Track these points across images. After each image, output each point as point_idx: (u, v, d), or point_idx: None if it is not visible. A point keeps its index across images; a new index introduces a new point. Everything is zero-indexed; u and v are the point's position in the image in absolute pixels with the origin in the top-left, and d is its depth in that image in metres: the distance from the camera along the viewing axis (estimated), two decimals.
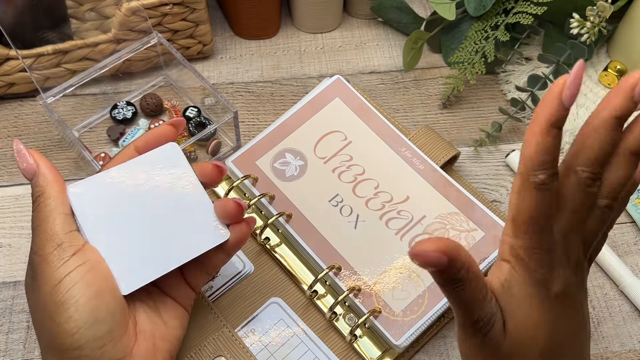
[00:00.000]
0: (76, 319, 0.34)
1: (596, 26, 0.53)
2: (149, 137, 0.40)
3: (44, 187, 0.36)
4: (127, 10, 0.53)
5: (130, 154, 0.40)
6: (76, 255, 0.35)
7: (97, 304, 0.35)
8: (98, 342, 0.34)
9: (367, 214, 0.48)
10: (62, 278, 0.34)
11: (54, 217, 0.36)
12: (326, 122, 0.52)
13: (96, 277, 0.35)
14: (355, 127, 0.51)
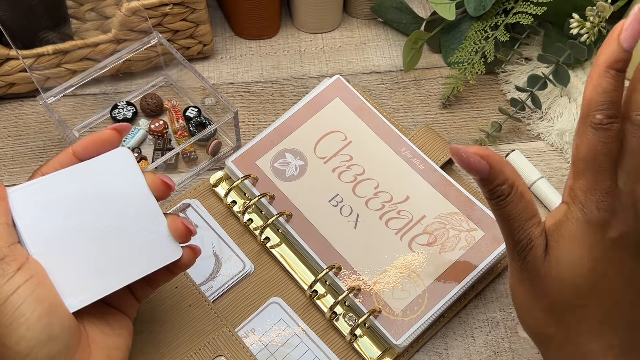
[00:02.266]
0: (29, 339, 0.31)
1: (596, 26, 0.53)
2: (89, 142, 0.37)
3: None
4: (127, 10, 0.53)
5: (68, 159, 0.37)
6: (21, 270, 0.32)
7: (49, 320, 0.32)
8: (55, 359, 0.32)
9: (367, 214, 0.48)
10: (8, 296, 0.31)
11: None
12: (326, 122, 0.52)
13: (46, 291, 0.33)
14: (355, 127, 0.52)
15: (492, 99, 0.60)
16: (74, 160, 0.37)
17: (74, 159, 0.37)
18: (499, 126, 0.57)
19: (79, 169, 0.36)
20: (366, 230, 0.48)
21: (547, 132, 0.58)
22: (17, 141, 0.56)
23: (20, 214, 0.34)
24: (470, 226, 0.47)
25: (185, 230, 0.38)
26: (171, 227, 0.37)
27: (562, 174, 0.56)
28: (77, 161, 0.37)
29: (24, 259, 0.33)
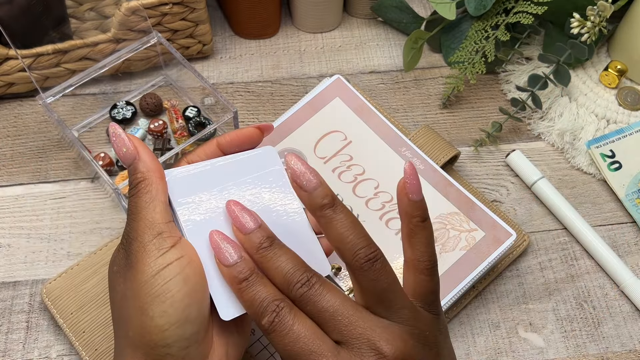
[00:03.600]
0: (170, 314, 0.32)
1: (597, 26, 0.53)
2: (234, 137, 0.38)
3: (144, 173, 0.35)
4: (126, 9, 0.53)
5: (213, 149, 0.38)
6: (175, 248, 0.33)
7: (190, 302, 0.33)
8: (185, 342, 0.33)
9: (367, 214, 0.48)
10: (160, 269, 0.32)
11: (154, 204, 0.34)
12: (326, 122, 0.52)
13: (193, 273, 0.33)
14: (355, 127, 0.51)
15: (493, 99, 0.60)
16: (218, 152, 0.38)
17: (218, 151, 0.38)
18: (499, 126, 0.57)
19: (227, 160, 0.37)
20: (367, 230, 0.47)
21: (548, 132, 0.58)
22: (16, 141, 0.56)
23: (176, 196, 0.36)
24: (471, 226, 0.47)
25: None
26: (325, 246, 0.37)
27: (563, 173, 0.56)
28: (220, 153, 0.38)
29: (177, 238, 0.34)
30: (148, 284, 0.32)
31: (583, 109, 0.58)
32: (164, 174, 0.36)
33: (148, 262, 0.33)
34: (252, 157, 0.38)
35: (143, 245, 0.33)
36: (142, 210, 0.34)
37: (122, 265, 0.34)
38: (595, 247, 0.51)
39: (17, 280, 0.49)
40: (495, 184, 0.55)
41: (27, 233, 0.51)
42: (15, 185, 0.54)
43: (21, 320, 0.47)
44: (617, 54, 0.60)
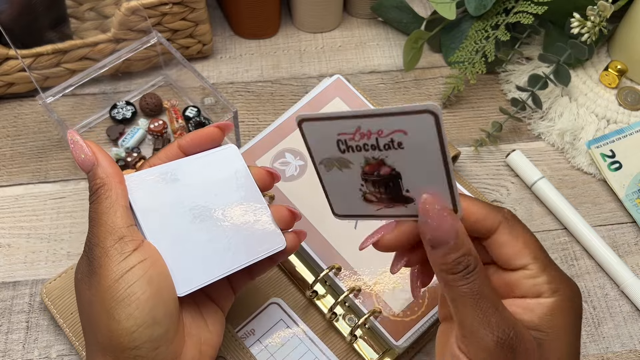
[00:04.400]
0: (136, 317, 0.33)
1: (597, 26, 0.53)
2: (195, 137, 0.39)
3: (104, 178, 0.35)
4: (126, 9, 0.53)
5: (174, 152, 0.39)
6: (137, 251, 0.34)
7: (156, 302, 0.33)
8: (154, 343, 0.33)
9: None
10: (123, 273, 0.33)
11: (115, 209, 0.35)
12: None
13: (157, 274, 0.34)
14: None
15: (493, 99, 0.60)
16: (180, 153, 0.39)
17: (179, 153, 0.39)
18: (499, 126, 0.57)
19: (188, 161, 0.38)
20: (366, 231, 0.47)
21: (548, 132, 0.58)
22: (16, 141, 0.56)
23: (136, 199, 0.36)
24: None
25: (290, 216, 0.39)
26: (276, 216, 0.39)
27: (563, 174, 0.56)
28: (182, 155, 0.39)
29: (140, 241, 0.35)
30: (112, 288, 0.33)
31: (583, 109, 0.58)
32: (124, 178, 0.36)
33: (111, 266, 0.33)
34: (212, 157, 0.39)
35: (105, 250, 0.34)
36: (102, 215, 0.34)
37: (86, 272, 0.34)
38: (595, 247, 0.51)
39: (17, 280, 0.49)
40: (495, 184, 0.55)
41: (27, 233, 0.51)
42: (15, 185, 0.54)
43: (21, 320, 0.47)
44: (617, 54, 0.60)
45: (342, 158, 0.34)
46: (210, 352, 0.37)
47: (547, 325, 0.32)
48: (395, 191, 0.34)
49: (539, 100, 0.56)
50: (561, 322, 0.32)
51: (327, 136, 0.33)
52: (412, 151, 0.33)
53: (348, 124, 0.33)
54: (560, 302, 0.32)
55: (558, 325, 0.32)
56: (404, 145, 0.33)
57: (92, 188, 0.35)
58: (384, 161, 0.33)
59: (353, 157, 0.34)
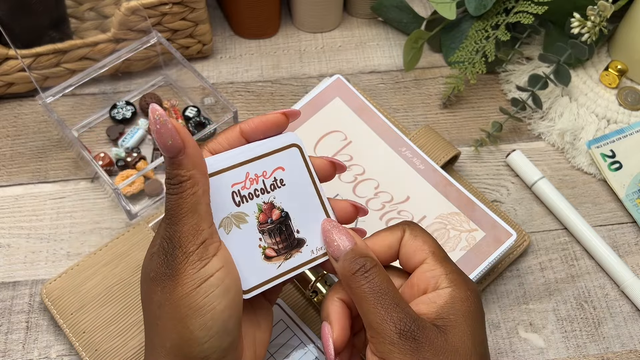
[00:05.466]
0: (210, 327, 0.31)
1: (597, 26, 0.53)
2: (259, 123, 0.36)
3: (191, 171, 0.32)
4: (126, 9, 0.53)
5: (235, 137, 0.36)
6: (216, 257, 0.32)
7: (230, 313, 0.32)
8: (223, 353, 0.32)
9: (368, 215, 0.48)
10: (202, 281, 0.31)
11: (201, 208, 0.32)
12: (326, 121, 0.52)
13: (233, 283, 0.33)
14: (355, 127, 0.51)
15: (493, 99, 0.60)
16: (241, 138, 0.36)
17: (241, 138, 0.36)
18: (499, 126, 0.57)
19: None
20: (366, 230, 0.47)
21: (548, 132, 0.58)
22: (16, 141, 0.56)
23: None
24: (471, 226, 0.47)
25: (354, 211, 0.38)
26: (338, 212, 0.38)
27: (564, 174, 0.56)
28: (243, 140, 0.36)
29: (218, 244, 0.33)
30: (189, 296, 0.31)
31: (583, 109, 0.58)
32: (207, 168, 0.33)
33: (190, 273, 0.31)
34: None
35: (186, 254, 0.31)
36: (187, 213, 0.31)
37: (161, 273, 0.32)
38: (595, 247, 0.51)
39: (17, 280, 0.49)
40: (495, 184, 0.55)
41: (26, 233, 0.51)
42: (15, 186, 0.54)
43: (21, 320, 0.47)
44: (617, 54, 0.60)
45: (239, 213, 0.35)
46: (262, 353, 0.36)
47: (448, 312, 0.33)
48: (289, 235, 0.36)
49: (539, 100, 0.56)
50: (462, 309, 0.33)
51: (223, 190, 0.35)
52: (292, 186, 0.37)
53: (238, 172, 0.35)
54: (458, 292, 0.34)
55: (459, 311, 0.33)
56: (285, 181, 0.37)
57: (175, 179, 0.32)
58: (273, 204, 0.36)
59: (248, 208, 0.35)
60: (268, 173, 0.36)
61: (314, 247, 0.37)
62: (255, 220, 0.35)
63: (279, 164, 0.36)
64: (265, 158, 0.36)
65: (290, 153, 0.37)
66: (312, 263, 0.37)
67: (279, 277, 0.36)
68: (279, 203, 0.36)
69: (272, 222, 0.36)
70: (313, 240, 0.37)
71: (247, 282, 0.34)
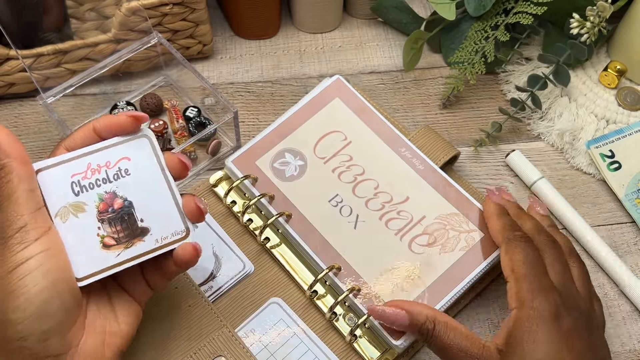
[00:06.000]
0: (23, 310, 0.32)
1: (596, 26, 0.53)
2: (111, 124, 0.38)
3: (3, 160, 0.34)
4: (127, 10, 0.53)
5: (89, 135, 0.38)
6: (39, 241, 0.33)
7: (49, 295, 0.33)
8: (44, 335, 0.33)
9: (367, 214, 0.48)
10: (17, 265, 0.32)
11: (17, 194, 0.33)
12: (326, 122, 0.52)
13: (55, 266, 0.33)
14: (355, 127, 0.51)
15: (493, 99, 0.60)
16: (95, 136, 0.38)
17: (94, 136, 0.38)
18: (499, 126, 0.57)
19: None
20: (366, 231, 0.48)
21: (548, 132, 0.58)
22: None
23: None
24: (470, 227, 0.47)
25: (197, 210, 0.38)
26: (185, 205, 0.38)
27: (563, 174, 0.56)
28: (98, 138, 0.38)
29: (45, 228, 0.34)
30: (4, 280, 0.32)
31: (583, 109, 0.58)
32: (28, 158, 0.35)
33: (7, 257, 0.32)
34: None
35: (4, 240, 0.32)
36: (3, 201, 0.33)
37: None
38: (595, 247, 0.51)
39: None
40: (494, 184, 0.55)
41: None
42: None
43: None
44: (616, 54, 0.60)
45: (77, 202, 0.36)
46: (117, 342, 0.36)
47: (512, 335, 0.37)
48: (131, 224, 0.37)
49: (538, 101, 0.56)
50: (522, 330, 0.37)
51: (62, 181, 0.36)
52: (138, 175, 0.38)
53: (80, 163, 0.37)
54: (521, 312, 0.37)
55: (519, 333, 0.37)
56: (130, 171, 0.38)
57: None
58: (115, 193, 0.37)
59: (87, 198, 0.37)
60: (112, 163, 0.37)
61: (158, 236, 0.37)
62: (94, 209, 0.37)
63: (125, 154, 0.38)
64: (110, 149, 0.38)
65: (138, 143, 0.38)
66: (155, 252, 0.37)
67: (118, 265, 0.36)
68: (122, 193, 0.37)
69: (114, 211, 0.37)
70: (159, 229, 0.37)
71: (81, 270, 0.35)
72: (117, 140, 0.38)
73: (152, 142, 0.39)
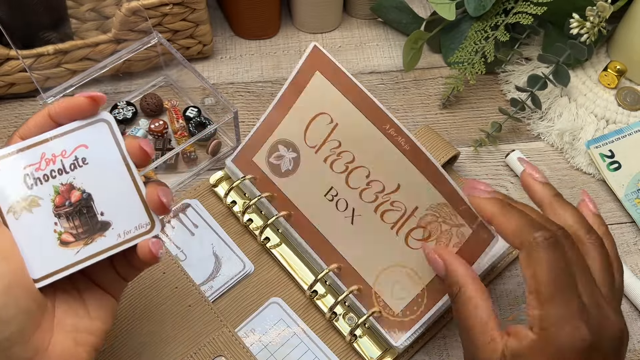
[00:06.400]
0: None
1: (596, 26, 0.53)
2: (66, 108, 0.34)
3: None
4: (127, 10, 0.53)
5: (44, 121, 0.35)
6: None
7: (4, 301, 0.30)
8: (5, 343, 0.30)
9: (362, 207, 0.47)
10: None
11: None
12: (310, 104, 0.49)
13: (7, 269, 0.31)
14: (339, 107, 0.49)
15: (492, 99, 0.60)
16: (51, 122, 0.35)
17: (50, 122, 0.35)
18: (499, 126, 0.57)
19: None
20: (363, 226, 0.47)
21: (547, 132, 0.58)
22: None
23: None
24: (459, 221, 0.45)
25: (159, 203, 0.35)
26: (148, 197, 0.35)
27: (563, 174, 0.56)
28: (54, 124, 0.35)
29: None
30: None
31: (582, 109, 0.58)
32: None
33: None
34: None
35: None
36: None
37: None
38: None
39: None
40: (494, 184, 0.55)
41: None
42: None
43: None
44: (616, 54, 0.60)
45: (31, 197, 0.33)
46: (91, 340, 0.34)
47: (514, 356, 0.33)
48: (91, 218, 0.34)
49: (538, 101, 0.56)
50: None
51: (14, 174, 0.33)
52: (97, 164, 0.34)
53: (32, 153, 0.33)
54: (541, 341, 0.33)
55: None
56: (88, 159, 0.34)
57: None
58: (72, 185, 0.34)
59: (42, 191, 0.33)
60: (68, 152, 0.34)
61: (121, 230, 0.34)
62: (50, 203, 0.33)
63: (82, 141, 0.34)
64: (65, 136, 0.34)
65: (97, 129, 0.34)
66: (117, 248, 0.34)
67: (78, 263, 0.33)
68: (80, 184, 0.34)
69: (71, 204, 0.34)
70: (121, 222, 0.34)
71: (38, 271, 0.32)
72: (73, 127, 0.34)
73: (112, 127, 0.35)
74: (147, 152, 0.35)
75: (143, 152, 0.35)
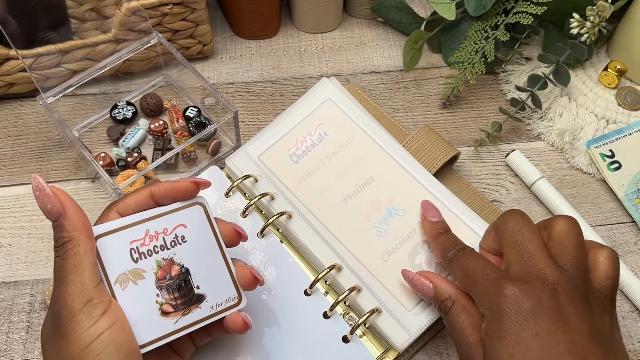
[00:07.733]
0: None
1: (596, 26, 0.53)
2: (169, 190, 0.38)
3: (71, 232, 0.34)
4: (127, 10, 0.53)
5: (145, 200, 0.37)
6: (106, 315, 0.33)
7: None
8: None
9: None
10: (92, 340, 0.32)
11: (83, 267, 0.33)
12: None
13: (125, 339, 0.34)
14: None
15: (493, 99, 0.60)
16: (151, 202, 0.38)
17: (150, 201, 0.38)
18: (499, 126, 0.57)
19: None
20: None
21: (548, 132, 0.58)
22: (16, 141, 0.56)
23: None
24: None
25: (252, 279, 0.39)
26: (239, 275, 0.39)
27: (563, 173, 0.56)
28: (153, 203, 0.38)
29: (107, 302, 0.34)
30: (80, 356, 0.32)
31: (582, 109, 0.58)
32: (92, 231, 0.35)
33: (79, 333, 0.32)
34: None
35: (73, 314, 0.32)
36: (69, 274, 0.33)
37: (52, 334, 0.33)
38: None
39: (18, 280, 0.49)
40: (495, 184, 0.55)
41: (27, 233, 0.51)
42: (16, 185, 0.54)
43: (22, 320, 0.48)
44: (616, 54, 0.60)
45: (136, 269, 0.36)
46: None
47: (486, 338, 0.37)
48: (188, 291, 0.37)
49: (538, 101, 0.56)
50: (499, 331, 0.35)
51: (122, 248, 0.36)
52: (194, 242, 0.38)
53: (138, 230, 0.37)
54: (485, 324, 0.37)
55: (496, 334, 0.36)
56: (187, 238, 0.38)
57: (59, 242, 0.34)
58: (173, 260, 0.37)
59: (146, 265, 0.37)
60: (169, 230, 0.38)
61: (213, 302, 0.38)
62: (153, 276, 0.37)
63: (181, 221, 0.38)
64: (167, 216, 0.38)
65: (194, 211, 0.39)
66: (211, 318, 0.38)
67: (176, 332, 0.37)
68: (179, 259, 0.37)
69: (171, 278, 0.37)
70: (214, 296, 0.38)
71: (142, 338, 0.36)
72: (174, 207, 0.38)
73: (207, 209, 0.39)
74: (241, 234, 0.40)
75: (237, 234, 0.40)
